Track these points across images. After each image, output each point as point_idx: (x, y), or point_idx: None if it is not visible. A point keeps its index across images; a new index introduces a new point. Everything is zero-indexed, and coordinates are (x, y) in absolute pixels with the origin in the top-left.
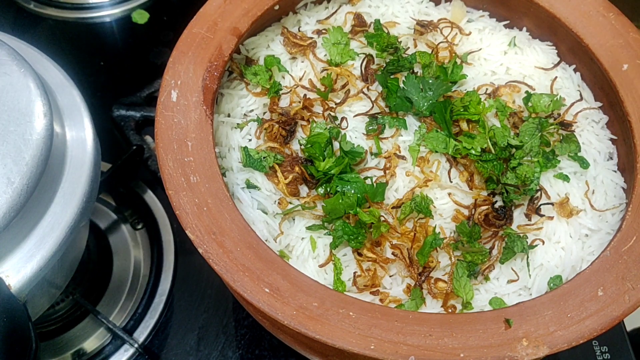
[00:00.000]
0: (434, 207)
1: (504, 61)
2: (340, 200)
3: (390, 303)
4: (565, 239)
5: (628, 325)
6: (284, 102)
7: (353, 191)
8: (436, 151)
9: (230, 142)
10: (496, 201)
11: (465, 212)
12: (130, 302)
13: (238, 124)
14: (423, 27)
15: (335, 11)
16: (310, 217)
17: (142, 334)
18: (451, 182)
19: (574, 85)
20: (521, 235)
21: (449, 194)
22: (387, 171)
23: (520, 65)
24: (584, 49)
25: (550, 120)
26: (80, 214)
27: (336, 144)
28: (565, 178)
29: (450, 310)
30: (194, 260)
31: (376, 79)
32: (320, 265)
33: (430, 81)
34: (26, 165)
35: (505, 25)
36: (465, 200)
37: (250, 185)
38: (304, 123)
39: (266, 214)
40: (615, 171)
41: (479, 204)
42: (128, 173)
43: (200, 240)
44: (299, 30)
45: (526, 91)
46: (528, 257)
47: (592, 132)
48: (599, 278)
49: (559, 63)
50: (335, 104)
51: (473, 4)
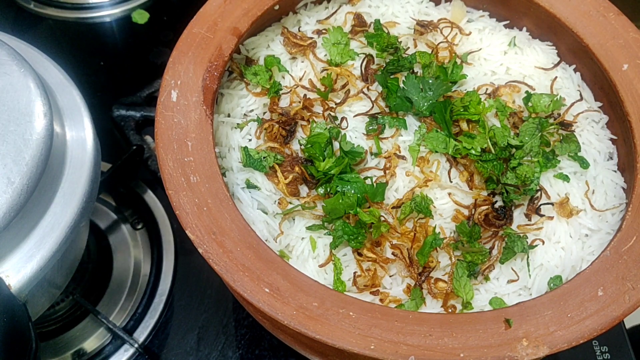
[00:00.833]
0: (434, 207)
1: (504, 61)
2: (340, 200)
3: (390, 303)
4: (565, 239)
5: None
6: (284, 102)
7: (353, 191)
8: (436, 151)
9: (230, 142)
10: (496, 201)
11: (465, 212)
12: (130, 302)
13: (238, 124)
14: (423, 27)
15: (335, 11)
16: (310, 217)
17: (142, 334)
18: (451, 182)
19: (574, 85)
20: (521, 235)
21: (449, 194)
22: (387, 171)
23: (520, 65)
24: (584, 49)
25: (550, 120)
26: (80, 214)
27: (336, 144)
28: (565, 178)
29: (450, 310)
30: (194, 260)
31: (376, 79)
32: (320, 265)
33: (430, 81)
34: (26, 165)
35: (505, 25)
36: (465, 200)
37: (250, 185)
38: (304, 123)
39: (266, 214)
40: (615, 171)
41: (479, 204)
42: (128, 173)
43: (200, 240)
44: (299, 30)
45: (526, 91)
46: (528, 257)
47: (592, 132)
48: (599, 278)
49: (559, 63)
50: (335, 104)
51: (473, 4)
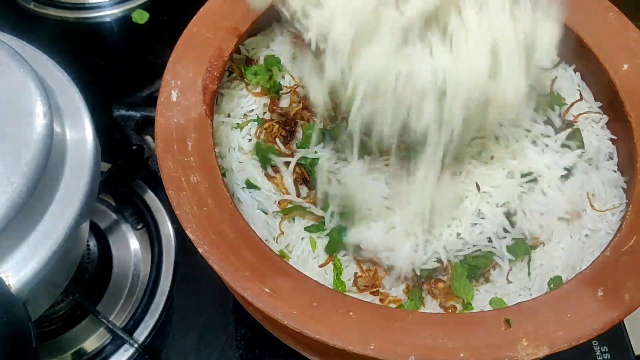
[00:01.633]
0: None
1: None
2: None
3: (390, 303)
4: (565, 239)
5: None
6: (284, 102)
7: None
8: None
9: (230, 142)
10: None
11: None
12: (130, 302)
13: (238, 124)
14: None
15: None
16: (310, 218)
17: (142, 334)
18: None
19: (574, 85)
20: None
21: None
22: None
23: None
24: (584, 49)
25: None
26: (80, 214)
27: None
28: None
29: (450, 311)
30: (194, 260)
31: None
32: (320, 266)
33: None
34: (26, 165)
35: None
36: None
37: (250, 185)
38: (304, 123)
39: (266, 214)
40: (615, 171)
41: None
42: (128, 173)
43: (200, 240)
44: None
45: None
46: (530, 259)
47: (592, 132)
48: (599, 278)
49: (559, 63)
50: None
51: None
